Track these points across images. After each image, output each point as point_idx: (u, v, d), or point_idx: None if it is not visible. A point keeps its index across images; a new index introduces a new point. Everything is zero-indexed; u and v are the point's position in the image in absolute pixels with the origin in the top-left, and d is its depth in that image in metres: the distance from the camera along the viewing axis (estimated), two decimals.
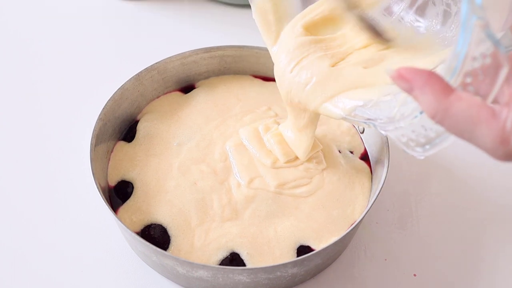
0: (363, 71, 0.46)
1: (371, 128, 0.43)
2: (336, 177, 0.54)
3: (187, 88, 0.63)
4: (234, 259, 0.49)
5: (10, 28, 0.77)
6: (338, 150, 0.57)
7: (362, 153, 0.58)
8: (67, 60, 0.72)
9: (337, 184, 0.54)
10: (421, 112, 0.35)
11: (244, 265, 0.48)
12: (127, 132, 0.58)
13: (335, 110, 0.46)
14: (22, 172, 0.60)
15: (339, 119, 0.46)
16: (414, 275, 0.53)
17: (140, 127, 0.58)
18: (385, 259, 0.54)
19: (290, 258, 0.49)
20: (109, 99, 0.55)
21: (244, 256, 0.49)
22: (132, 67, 0.59)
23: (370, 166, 0.57)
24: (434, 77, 0.32)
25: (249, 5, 0.51)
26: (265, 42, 0.51)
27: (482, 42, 0.31)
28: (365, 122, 0.43)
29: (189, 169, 0.54)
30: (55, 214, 0.56)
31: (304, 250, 0.49)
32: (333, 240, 0.47)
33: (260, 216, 0.51)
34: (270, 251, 0.49)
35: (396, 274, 0.53)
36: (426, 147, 0.36)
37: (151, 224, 0.50)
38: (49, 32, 0.76)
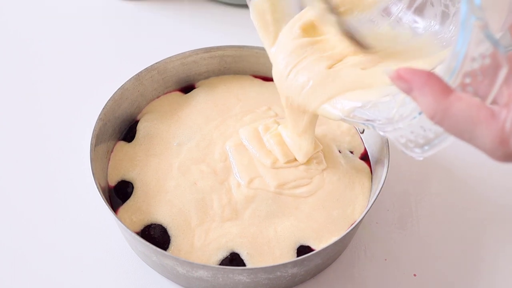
0: (361, 72, 0.46)
1: (370, 129, 0.43)
2: (336, 177, 0.54)
3: (187, 88, 0.63)
4: (234, 259, 0.49)
5: (10, 28, 0.77)
6: (338, 150, 0.57)
7: (362, 153, 0.58)
8: (67, 60, 0.72)
9: (337, 184, 0.54)
10: (420, 113, 0.35)
11: (244, 265, 0.48)
12: (127, 132, 0.58)
13: (334, 112, 0.46)
14: (22, 172, 0.60)
15: (338, 121, 0.46)
16: (414, 275, 0.53)
17: (140, 127, 0.58)
18: (385, 259, 0.54)
19: (290, 258, 0.49)
20: (109, 99, 0.55)
21: (244, 256, 0.49)
22: (132, 67, 0.59)
23: (370, 166, 0.57)
24: (433, 78, 0.32)
25: None
26: (263, 43, 0.51)
27: (481, 43, 0.30)
28: (364, 123, 0.43)
29: (189, 169, 0.54)
30: (55, 214, 0.56)
31: (304, 250, 0.49)
32: (333, 240, 0.47)
33: (260, 216, 0.51)
34: (270, 251, 0.49)
35: (396, 274, 0.53)
36: (425, 148, 0.36)
37: (151, 224, 0.50)
38: (49, 32, 0.76)
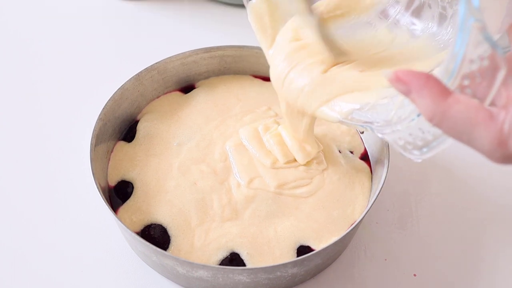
0: (359, 75, 0.46)
1: (369, 131, 0.43)
2: (336, 177, 0.54)
3: (187, 88, 0.63)
4: (234, 259, 0.49)
5: (10, 28, 0.77)
6: (338, 150, 0.57)
7: (362, 153, 0.58)
8: (67, 60, 0.72)
9: (337, 184, 0.54)
10: (419, 115, 0.35)
11: (244, 265, 0.48)
12: (127, 132, 0.58)
13: (332, 114, 0.45)
14: (22, 172, 0.60)
15: (336, 123, 0.46)
16: (414, 275, 0.53)
17: (140, 127, 0.58)
18: (385, 259, 0.54)
19: (290, 258, 0.49)
20: (109, 99, 0.55)
21: (244, 256, 0.49)
22: (132, 67, 0.59)
23: (370, 166, 0.57)
24: (432, 80, 0.32)
25: None
26: (261, 45, 0.51)
27: (480, 44, 0.30)
28: (362, 125, 0.43)
29: (189, 169, 0.54)
30: (55, 214, 0.56)
31: (304, 250, 0.49)
32: (333, 240, 0.47)
33: (260, 216, 0.51)
34: (270, 251, 0.49)
35: (396, 274, 0.53)
36: (424, 150, 0.36)
37: (151, 224, 0.50)
38: (49, 32, 0.76)
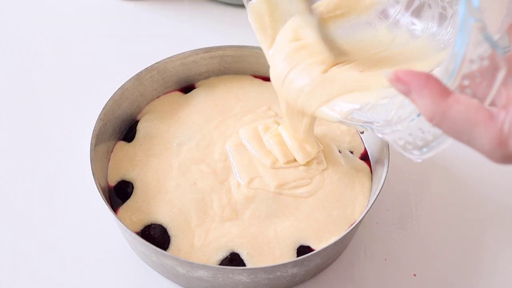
0: (359, 75, 0.46)
1: (369, 131, 0.43)
2: (337, 177, 0.54)
3: (187, 88, 0.63)
4: (234, 259, 0.49)
5: (10, 28, 0.77)
6: (338, 150, 0.57)
7: (362, 153, 0.58)
8: (67, 60, 0.72)
9: (337, 184, 0.54)
10: (419, 115, 0.35)
11: (244, 265, 0.48)
12: (127, 132, 0.58)
13: (332, 114, 0.45)
14: (22, 172, 0.60)
15: (336, 123, 0.46)
16: (414, 275, 0.53)
17: (140, 127, 0.58)
18: (385, 259, 0.54)
19: (290, 258, 0.49)
20: (109, 99, 0.55)
21: (244, 256, 0.49)
22: (132, 67, 0.59)
23: (370, 166, 0.57)
24: (432, 80, 0.32)
25: None
26: (261, 45, 0.51)
27: (480, 44, 0.30)
28: (362, 126, 0.43)
29: (189, 169, 0.54)
30: (55, 214, 0.56)
31: (304, 250, 0.49)
32: (333, 240, 0.47)
33: (260, 216, 0.51)
34: (270, 251, 0.49)
35: (396, 274, 0.53)
36: (424, 150, 0.36)
37: (151, 224, 0.50)
38: (49, 32, 0.76)
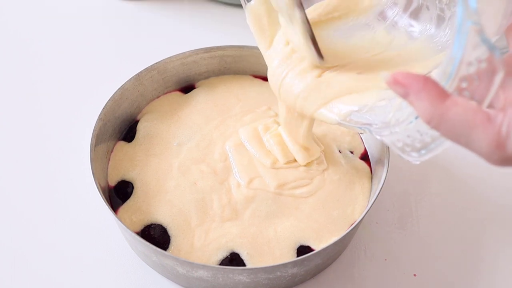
0: (357, 77, 0.46)
1: (367, 133, 0.43)
2: (337, 177, 0.54)
3: (187, 88, 0.63)
4: (234, 259, 0.49)
5: (10, 28, 0.77)
6: (339, 150, 0.57)
7: (362, 153, 0.58)
8: (67, 60, 0.72)
9: (338, 184, 0.54)
10: (417, 117, 0.35)
11: (244, 265, 0.48)
12: (127, 132, 0.58)
13: (331, 116, 0.45)
14: (22, 172, 0.60)
15: (335, 125, 0.46)
16: (414, 275, 0.53)
17: (140, 127, 0.58)
18: (385, 259, 0.54)
19: (290, 258, 0.49)
20: (109, 99, 0.55)
21: (244, 256, 0.49)
22: (132, 67, 0.59)
23: (370, 166, 0.57)
24: (430, 82, 0.32)
25: None
26: (259, 47, 0.51)
27: (477, 47, 0.30)
28: (361, 128, 0.43)
29: (189, 169, 0.54)
30: (55, 214, 0.56)
31: (304, 250, 0.49)
32: (333, 240, 0.47)
33: (260, 216, 0.51)
34: (270, 251, 0.49)
35: (396, 274, 0.53)
36: (422, 152, 0.36)
37: (151, 224, 0.50)
38: (49, 32, 0.76)
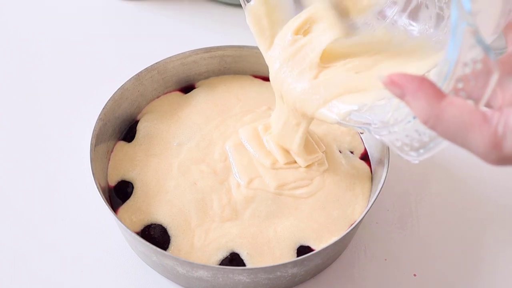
0: (356, 76, 0.46)
1: (366, 133, 0.43)
2: (337, 178, 0.54)
3: (187, 88, 0.63)
4: (234, 259, 0.49)
5: (10, 28, 0.77)
6: (339, 150, 0.57)
7: (362, 153, 0.58)
8: (67, 60, 0.72)
9: (338, 184, 0.54)
10: (414, 117, 0.35)
11: (244, 265, 0.48)
12: (127, 132, 0.58)
13: (330, 115, 0.45)
14: (22, 172, 0.60)
15: (334, 124, 0.46)
16: (414, 275, 0.53)
17: (140, 127, 0.58)
18: (385, 259, 0.54)
19: (290, 258, 0.49)
20: (109, 99, 0.55)
21: (244, 256, 0.49)
22: (132, 67, 0.59)
23: (370, 166, 0.57)
24: (426, 83, 0.32)
25: None
26: (260, 47, 0.51)
27: (473, 48, 0.31)
28: (360, 127, 0.43)
29: (189, 169, 0.54)
30: (55, 214, 0.56)
31: (304, 250, 0.49)
32: (333, 240, 0.47)
33: (260, 217, 0.51)
34: (270, 251, 0.49)
35: (396, 274, 0.53)
36: (420, 152, 0.36)
37: (151, 224, 0.50)
38: (49, 32, 0.76)
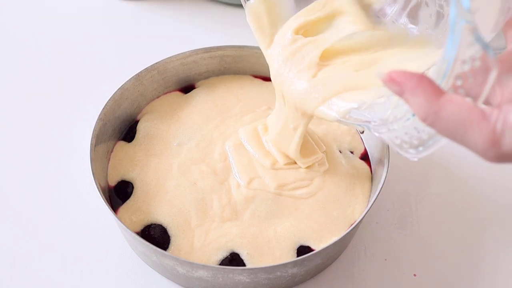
0: (355, 74, 0.46)
1: (365, 130, 0.43)
2: (337, 178, 0.54)
3: (187, 88, 0.63)
4: (234, 259, 0.49)
5: (10, 28, 0.77)
6: (339, 150, 0.57)
7: (362, 153, 0.58)
8: (67, 60, 0.72)
9: (338, 185, 0.54)
10: (414, 115, 0.35)
11: (244, 265, 0.48)
12: (127, 132, 0.58)
13: (330, 113, 0.45)
14: (22, 172, 0.60)
15: (334, 122, 0.46)
16: (414, 275, 0.53)
17: (140, 127, 0.58)
18: (385, 259, 0.54)
19: (290, 258, 0.49)
20: (109, 99, 0.55)
21: (244, 256, 0.49)
22: (132, 67, 0.59)
23: (370, 166, 0.57)
24: (425, 80, 0.32)
25: None
26: (260, 45, 0.51)
27: (471, 45, 0.31)
28: (359, 125, 0.43)
29: (189, 169, 0.54)
30: (55, 214, 0.56)
31: (304, 250, 0.49)
32: (333, 240, 0.47)
33: (260, 217, 0.51)
34: (270, 251, 0.49)
35: (396, 274, 0.53)
36: (419, 149, 0.36)
37: (151, 224, 0.50)
38: (49, 32, 0.76)
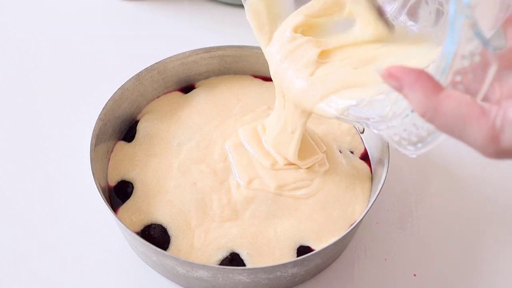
0: (353, 72, 0.46)
1: (365, 128, 0.43)
2: (337, 178, 0.54)
3: (187, 88, 0.63)
4: (234, 259, 0.49)
5: (10, 28, 0.77)
6: (339, 150, 0.57)
7: (362, 153, 0.58)
8: (67, 60, 0.72)
9: (338, 185, 0.54)
10: (412, 111, 0.35)
11: (244, 265, 0.48)
12: (127, 132, 0.58)
13: (329, 110, 0.45)
14: (22, 172, 0.60)
15: (333, 119, 0.46)
16: (414, 275, 0.53)
17: (140, 127, 0.58)
18: (385, 259, 0.54)
19: (290, 258, 0.49)
20: (109, 99, 0.55)
21: (244, 256, 0.49)
22: (132, 67, 0.59)
23: (370, 166, 0.57)
24: (424, 76, 0.32)
25: None
26: (259, 43, 0.51)
27: (471, 41, 0.31)
28: (358, 122, 0.43)
29: (189, 169, 0.54)
30: (55, 214, 0.56)
31: (304, 250, 0.49)
32: (333, 240, 0.47)
33: (260, 217, 0.51)
34: (270, 251, 0.49)
35: (396, 274, 0.53)
36: (418, 146, 0.36)
37: (151, 224, 0.50)
38: (49, 32, 0.76)
